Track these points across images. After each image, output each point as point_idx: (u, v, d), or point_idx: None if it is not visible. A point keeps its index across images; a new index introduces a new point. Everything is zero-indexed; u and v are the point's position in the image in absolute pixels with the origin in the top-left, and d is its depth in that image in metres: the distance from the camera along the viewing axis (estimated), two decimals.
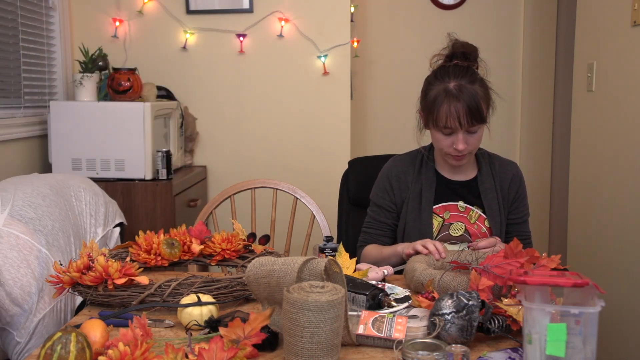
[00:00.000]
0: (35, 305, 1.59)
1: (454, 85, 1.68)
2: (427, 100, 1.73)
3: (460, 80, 1.69)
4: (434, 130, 1.75)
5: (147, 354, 1.00)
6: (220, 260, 1.68)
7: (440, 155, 1.80)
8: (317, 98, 3.20)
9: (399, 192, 1.83)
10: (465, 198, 1.81)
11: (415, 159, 1.86)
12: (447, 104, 1.67)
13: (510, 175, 1.85)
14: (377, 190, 1.87)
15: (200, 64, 3.19)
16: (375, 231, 1.86)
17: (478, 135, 1.72)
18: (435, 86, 1.72)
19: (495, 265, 1.32)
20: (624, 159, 2.43)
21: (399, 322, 1.16)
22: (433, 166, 1.84)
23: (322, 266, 1.14)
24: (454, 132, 1.69)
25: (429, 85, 1.75)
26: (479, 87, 1.70)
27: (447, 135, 1.71)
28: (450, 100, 1.67)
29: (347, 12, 3.17)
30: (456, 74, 1.71)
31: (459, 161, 1.76)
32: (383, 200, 1.85)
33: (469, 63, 1.75)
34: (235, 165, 3.25)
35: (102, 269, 1.35)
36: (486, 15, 3.76)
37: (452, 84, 1.69)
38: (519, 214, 1.85)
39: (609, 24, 2.54)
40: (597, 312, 0.95)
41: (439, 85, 1.71)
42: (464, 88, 1.68)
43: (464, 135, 1.69)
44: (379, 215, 1.86)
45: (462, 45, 1.77)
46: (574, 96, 2.91)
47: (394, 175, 1.84)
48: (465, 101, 1.66)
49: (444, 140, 1.72)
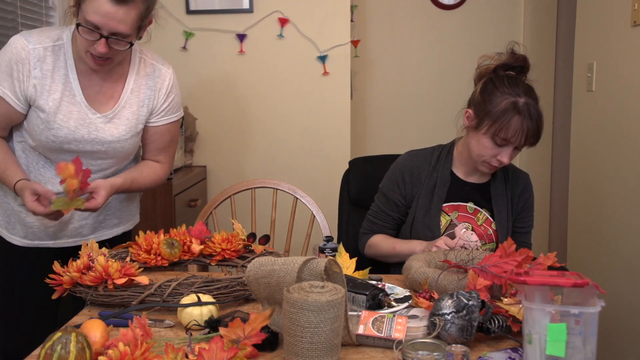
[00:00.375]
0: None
1: (526, 102, 1.66)
2: (494, 106, 1.68)
3: (529, 97, 1.68)
4: (485, 137, 1.70)
5: (147, 354, 1.00)
6: (220, 260, 1.68)
7: (474, 159, 1.76)
8: (317, 98, 3.20)
9: (411, 187, 1.83)
10: (475, 200, 1.82)
11: (431, 156, 1.86)
12: (520, 120, 1.65)
13: (522, 185, 1.86)
14: (388, 181, 1.87)
15: (200, 64, 3.19)
16: (380, 222, 1.87)
17: (519, 152, 1.74)
18: (506, 96, 1.67)
19: (492, 265, 1.32)
20: (624, 159, 2.43)
21: (399, 322, 1.16)
22: (450, 165, 1.84)
23: (322, 266, 1.14)
24: (507, 145, 1.68)
25: (496, 91, 1.70)
26: (539, 107, 1.70)
27: (499, 146, 1.69)
28: (524, 117, 1.65)
29: (347, 12, 3.17)
30: (526, 90, 1.69)
31: (492, 170, 1.77)
32: (392, 192, 1.85)
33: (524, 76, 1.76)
34: (235, 165, 3.25)
35: (102, 269, 1.35)
36: (486, 15, 3.76)
37: (523, 99, 1.66)
38: (524, 224, 1.87)
39: (609, 24, 2.54)
40: (597, 312, 0.95)
41: (509, 97, 1.67)
42: (533, 107, 1.67)
43: (512, 151, 1.70)
44: (386, 207, 1.86)
45: (524, 59, 1.76)
46: (574, 96, 2.91)
47: (407, 169, 1.84)
48: (536, 121, 1.66)
49: (492, 150, 1.70)
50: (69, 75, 1.66)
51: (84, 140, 1.68)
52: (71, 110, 1.66)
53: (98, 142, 1.70)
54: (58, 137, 1.66)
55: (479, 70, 1.79)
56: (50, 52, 1.65)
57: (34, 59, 1.63)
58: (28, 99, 1.65)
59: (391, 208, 1.86)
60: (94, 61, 1.62)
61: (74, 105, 1.67)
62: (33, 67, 1.63)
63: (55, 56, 1.66)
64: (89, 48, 1.58)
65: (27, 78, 1.63)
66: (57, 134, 1.65)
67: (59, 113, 1.65)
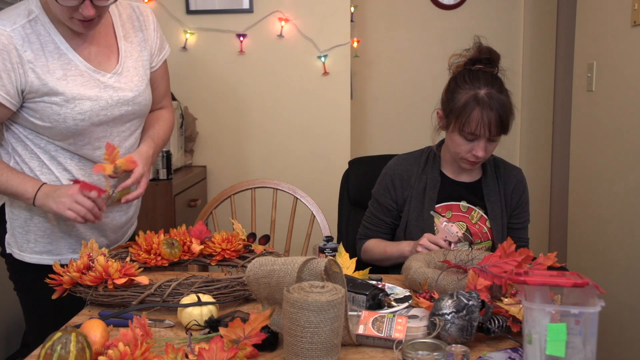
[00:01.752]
0: None
1: (486, 93, 1.66)
2: (455, 103, 1.69)
3: (491, 88, 1.67)
4: (455, 134, 1.71)
5: (147, 354, 1.00)
6: (220, 260, 1.68)
7: (453, 158, 1.79)
8: (317, 98, 3.20)
9: (401, 191, 1.83)
10: (467, 199, 1.82)
11: (420, 158, 1.87)
12: (480, 112, 1.65)
13: (515, 180, 1.85)
14: (380, 187, 1.88)
15: (200, 64, 3.19)
16: (374, 227, 1.88)
17: (496, 144, 1.72)
18: (465, 90, 1.68)
19: (492, 265, 1.32)
20: (624, 159, 2.43)
21: (399, 322, 1.16)
22: (439, 166, 1.85)
23: (322, 266, 1.14)
24: (477, 139, 1.68)
25: (457, 88, 1.71)
26: (506, 97, 1.69)
27: (469, 141, 1.70)
28: (483, 108, 1.64)
29: (347, 12, 3.17)
30: (487, 81, 1.68)
31: (472, 166, 1.76)
32: (384, 198, 1.85)
33: (492, 69, 1.74)
34: (235, 165, 3.25)
35: (102, 269, 1.35)
36: (486, 15, 3.76)
37: (484, 91, 1.66)
38: (520, 219, 1.86)
39: (609, 24, 2.54)
40: (597, 312, 0.95)
41: (469, 90, 1.68)
42: (495, 97, 1.66)
43: (485, 144, 1.69)
44: (379, 213, 1.87)
45: (489, 51, 1.75)
46: (574, 96, 2.91)
47: (397, 174, 1.84)
48: (498, 111, 1.65)
49: (464, 146, 1.71)
50: (59, 46, 1.53)
51: (108, 105, 1.58)
52: (81, 82, 1.54)
53: (123, 103, 1.61)
54: (85, 114, 1.54)
55: (451, 69, 1.80)
56: (30, 29, 1.49)
57: (18, 41, 1.47)
58: (25, 91, 1.50)
59: (384, 213, 1.86)
60: (82, 25, 1.49)
61: (82, 76, 1.55)
62: (23, 50, 1.47)
63: (36, 32, 1.50)
64: (73, 14, 1.45)
65: (20, 65, 1.47)
66: (82, 110, 1.53)
67: (72, 88, 1.52)
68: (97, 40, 1.60)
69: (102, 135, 1.60)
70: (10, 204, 1.64)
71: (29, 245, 1.64)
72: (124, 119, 1.64)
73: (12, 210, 1.64)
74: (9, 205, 1.64)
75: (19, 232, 1.64)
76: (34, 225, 1.63)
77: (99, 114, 1.57)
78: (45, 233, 1.64)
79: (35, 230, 1.64)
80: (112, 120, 1.60)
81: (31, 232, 1.63)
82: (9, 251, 1.66)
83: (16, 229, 1.64)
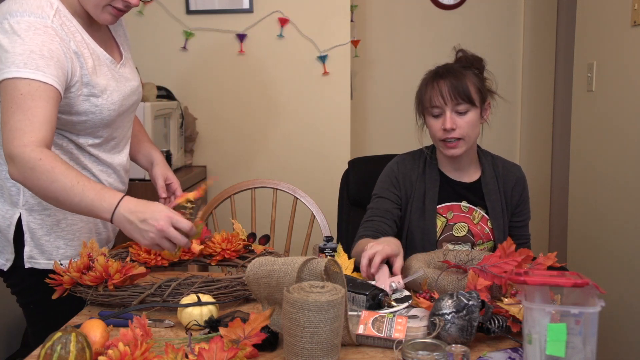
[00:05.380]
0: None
1: (441, 67, 1.76)
2: (419, 91, 1.79)
3: (452, 65, 1.76)
4: (426, 117, 1.79)
5: (147, 354, 1.00)
6: (220, 260, 1.68)
7: (437, 147, 1.81)
8: (317, 98, 3.20)
9: (404, 189, 1.82)
10: (468, 199, 1.81)
11: (419, 159, 1.86)
12: (432, 83, 1.73)
13: (515, 178, 1.84)
14: (382, 183, 1.85)
15: (200, 64, 3.19)
16: (378, 219, 1.79)
17: (468, 119, 1.71)
18: (426, 75, 1.79)
19: (492, 265, 1.32)
20: (624, 159, 2.43)
21: (399, 322, 1.17)
22: (436, 166, 1.84)
23: (322, 266, 1.14)
24: (442, 113, 1.72)
25: (421, 82, 1.81)
26: (472, 73, 1.74)
27: (436, 117, 1.74)
28: (436, 79, 1.73)
29: (347, 12, 3.17)
30: (446, 64, 1.77)
31: (452, 149, 1.73)
32: (388, 192, 1.82)
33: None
34: (235, 165, 3.25)
35: (102, 269, 1.35)
36: (486, 15, 3.76)
37: (441, 68, 1.76)
38: (521, 217, 1.85)
39: (609, 24, 2.54)
40: (597, 312, 0.95)
41: (429, 73, 1.78)
42: (451, 68, 1.74)
43: (452, 115, 1.71)
44: (384, 204, 1.81)
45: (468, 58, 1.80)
46: (574, 96, 2.92)
47: (400, 172, 1.84)
48: (450, 79, 1.71)
49: (435, 124, 1.74)
50: (84, 38, 1.51)
51: (127, 95, 1.60)
52: (106, 72, 1.55)
53: (133, 92, 1.64)
54: (115, 104, 1.55)
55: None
56: (59, 20, 1.45)
57: (60, 31, 1.43)
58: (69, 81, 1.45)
59: (389, 204, 1.81)
60: (116, 14, 1.49)
61: (104, 66, 1.55)
62: (67, 40, 1.44)
63: (62, 23, 1.46)
64: (112, 2, 1.46)
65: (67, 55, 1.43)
66: (114, 100, 1.54)
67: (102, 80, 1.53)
68: (102, 30, 1.62)
69: (119, 125, 1.62)
70: (30, 213, 1.54)
71: (60, 252, 1.57)
72: (132, 108, 1.68)
73: (33, 220, 1.54)
74: (27, 215, 1.54)
75: (45, 240, 1.55)
76: (61, 230, 1.57)
77: (123, 104, 1.60)
78: (75, 235, 1.59)
79: (64, 235, 1.58)
80: (127, 109, 1.64)
81: (60, 238, 1.57)
82: (30, 265, 1.55)
83: (42, 239, 1.55)
